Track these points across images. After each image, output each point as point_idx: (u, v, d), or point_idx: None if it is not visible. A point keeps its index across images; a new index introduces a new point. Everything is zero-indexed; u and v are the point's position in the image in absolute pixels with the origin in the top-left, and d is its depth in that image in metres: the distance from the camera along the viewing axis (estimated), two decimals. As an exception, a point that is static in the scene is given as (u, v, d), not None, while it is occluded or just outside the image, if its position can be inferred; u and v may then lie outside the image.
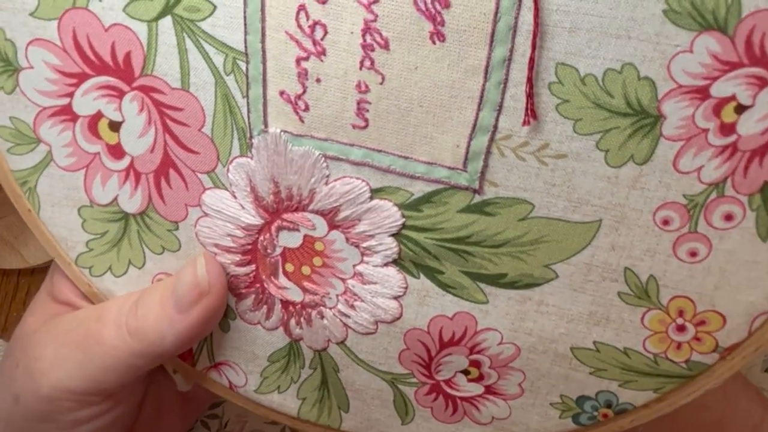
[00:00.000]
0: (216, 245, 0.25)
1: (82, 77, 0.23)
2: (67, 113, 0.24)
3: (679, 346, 0.22)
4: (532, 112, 0.19)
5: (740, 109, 0.18)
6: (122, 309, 0.26)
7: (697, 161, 0.19)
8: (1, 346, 0.37)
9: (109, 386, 0.26)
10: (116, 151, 0.24)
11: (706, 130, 0.18)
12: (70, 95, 0.24)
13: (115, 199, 0.25)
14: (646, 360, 0.22)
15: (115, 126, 0.24)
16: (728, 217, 0.19)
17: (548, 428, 0.25)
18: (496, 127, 0.20)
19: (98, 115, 0.24)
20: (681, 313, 0.21)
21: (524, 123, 0.20)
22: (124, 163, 0.24)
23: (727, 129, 0.18)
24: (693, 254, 0.20)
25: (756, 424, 0.29)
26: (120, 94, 0.23)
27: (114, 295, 0.27)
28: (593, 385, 0.23)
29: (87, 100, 0.24)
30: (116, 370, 0.25)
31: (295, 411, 0.28)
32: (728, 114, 0.18)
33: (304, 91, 0.21)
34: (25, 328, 0.28)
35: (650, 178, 0.19)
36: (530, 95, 0.19)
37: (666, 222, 0.20)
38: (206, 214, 0.25)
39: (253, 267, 0.25)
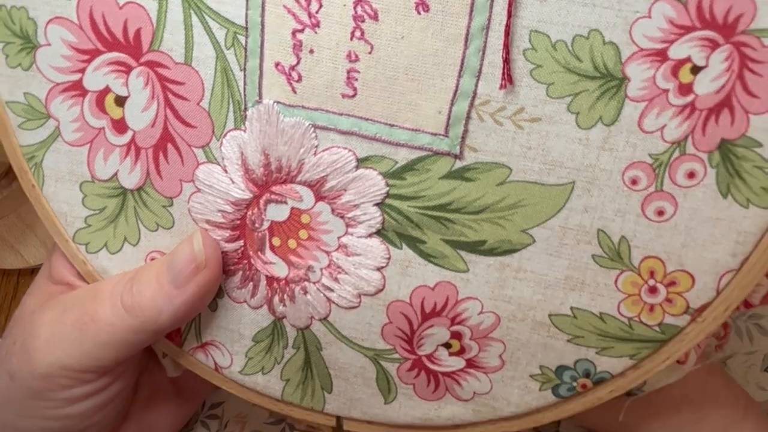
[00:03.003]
0: (207, 221, 0.26)
1: (94, 53, 0.25)
2: (77, 89, 0.26)
3: (651, 308, 0.22)
4: (508, 77, 0.21)
5: (695, 69, 0.20)
6: (117, 286, 0.26)
7: (660, 120, 0.20)
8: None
9: (105, 363, 0.26)
10: (120, 126, 0.26)
11: (666, 91, 0.20)
12: (82, 71, 0.25)
13: (116, 174, 0.27)
14: (621, 324, 0.23)
15: (120, 101, 0.25)
16: (691, 175, 0.21)
17: (529, 402, 0.25)
18: (475, 92, 0.22)
19: (106, 90, 0.25)
20: (652, 274, 0.22)
21: (501, 87, 0.21)
22: (126, 137, 0.26)
23: (685, 89, 0.20)
24: (660, 213, 0.21)
25: (738, 419, 0.29)
26: (128, 70, 0.25)
27: (108, 273, 0.28)
28: (571, 354, 0.24)
29: (97, 76, 0.25)
30: (112, 346, 0.26)
31: (279, 393, 0.28)
32: (685, 75, 0.20)
33: (298, 62, 0.23)
34: (23, 308, 0.29)
35: (618, 139, 0.21)
36: (507, 60, 0.21)
37: (634, 181, 0.21)
38: (199, 190, 0.26)
39: (241, 243, 0.26)
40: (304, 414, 0.28)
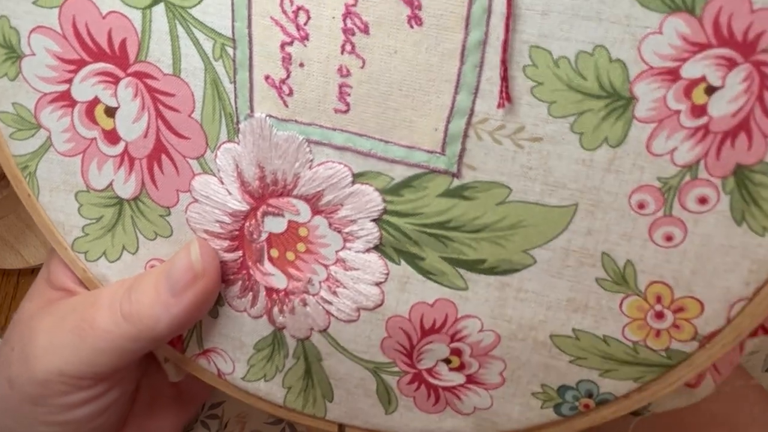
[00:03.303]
0: (206, 231, 0.26)
1: (80, 64, 0.24)
2: (66, 99, 0.25)
3: (658, 333, 0.21)
4: (506, 95, 0.20)
5: (710, 90, 0.18)
6: (116, 294, 0.26)
7: (670, 143, 0.19)
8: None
9: (103, 370, 0.26)
10: (112, 137, 0.25)
11: (678, 112, 0.19)
12: (69, 81, 0.25)
13: (111, 184, 0.26)
14: (626, 348, 0.22)
15: (110, 111, 0.25)
16: (702, 201, 0.19)
17: (530, 418, 0.24)
18: (472, 110, 0.20)
19: (95, 101, 0.25)
20: (659, 299, 0.21)
21: (499, 105, 0.20)
22: (119, 148, 0.25)
23: (699, 110, 0.18)
24: (669, 238, 0.20)
25: None
26: (116, 80, 0.24)
27: (108, 280, 0.28)
28: (574, 374, 0.23)
29: (85, 86, 0.24)
30: (110, 354, 0.26)
31: (281, 399, 0.28)
32: (699, 95, 0.18)
33: (288, 76, 0.22)
34: (22, 314, 0.29)
35: (624, 161, 0.20)
36: (504, 78, 0.19)
37: (641, 206, 0.20)
38: (196, 200, 0.25)
39: (240, 253, 0.26)
40: (306, 420, 0.29)
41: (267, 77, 0.22)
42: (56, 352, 0.26)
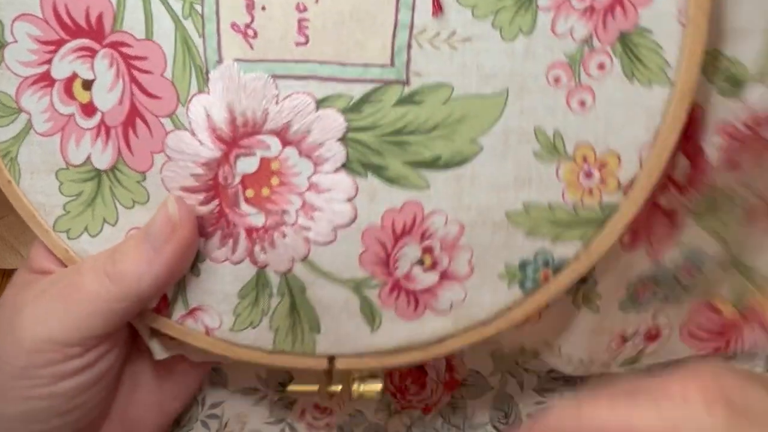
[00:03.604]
0: (182, 188, 0.28)
1: (59, 43, 0.27)
2: (45, 79, 0.27)
3: (590, 191, 0.26)
4: (438, 5, 0.24)
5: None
6: (99, 259, 0.27)
7: (568, 24, 0.24)
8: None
9: (91, 334, 0.27)
10: (88, 109, 0.27)
11: (567, -2, 0.24)
12: (49, 62, 0.27)
13: (89, 157, 0.28)
14: (568, 210, 0.26)
15: (87, 84, 0.27)
16: (601, 67, 0.24)
17: (501, 301, 0.27)
18: (412, 23, 0.25)
19: (73, 77, 0.27)
20: (585, 159, 0.25)
21: (433, 14, 0.25)
22: (96, 120, 0.28)
23: None
24: (582, 104, 0.25)
25: None
26: (92, 54, 0.27)
27: (90, 255, 0.29)
28: (529, 247, 0.27)
29: (63, 64, 0.27)
30: (97, 316, 0.27)
31: (271, 342, 0.29)
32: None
33: (252, 20, 0.26)
34: (6, 298, 0.29)
35: (537, 45, 0.25)
36: (434, -10, 0.24)
37: (557, 80, 0.25)
38: (170, 158, 0.28)
39: (216, 202, 0.28)
40: (296, 361, 0.30)
41: (233, 25, 0.26)
42: (43, 319, 0.26)
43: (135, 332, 0.32)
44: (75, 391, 0.28)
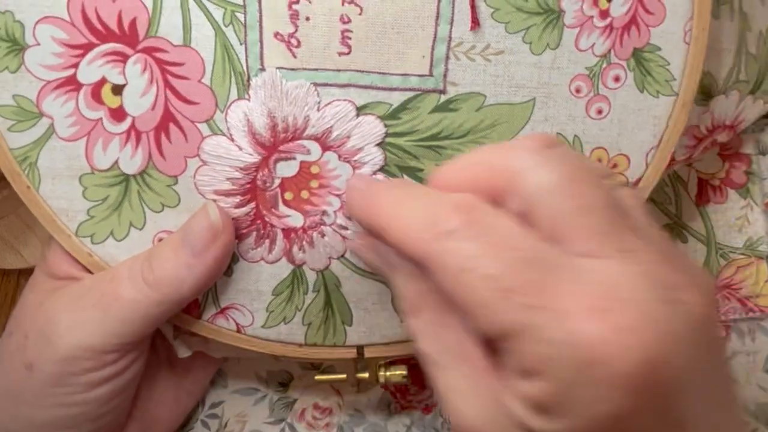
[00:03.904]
0: (215, 191, 0.28)
1: (87, 47, 0.26)
2: (71, 84, 0.27)
3: (603, 188, 0.29)
4: (475, 20, 0.26)
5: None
6: (134, 266, 0.28)
7: (590, 40, 0.27)
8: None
9: (128, 339, 0.27)
10: (118, 114, 0.27)
11: (591, 17, 0.27)
12: (75, 66, 0.27)
13: (116, 162, 0.28)
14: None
15: (117, 89, 0.27)
16: (617, 79, 0.28)
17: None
18: (450, 36, 0.27)
19: (102, 81, 0.27)
20: (599, 161, 0.29)
21: (471, 28, 0.27)
22: (126, 125, 0.27)
23: (604, 14, 0.27)
24: (600, 112, 0.28)
25: None
26: (124, 59, 0.27)
27: (117, 259, 0.29)
28: None
29: (92, 69, 0.27)
30: (135, 322, 0.27)
31: (302, 337, 0.31)
32: (603, 3, 0.27)
33: (296, 30, 0.27)
34: (26, 304, 0.29)
35: (562, 59, 0.27)
36: (473, 7, 0.26)
37: (578, 90, 0.28)
38: (205, 163, 0.28)
39: (252, 205, 0.29)
40: (327, 352, 0.32)
41: (276, 34, 0.27)
42: (81, 327, 0.27)
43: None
44: (108, 397, 0.28)
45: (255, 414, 0.38)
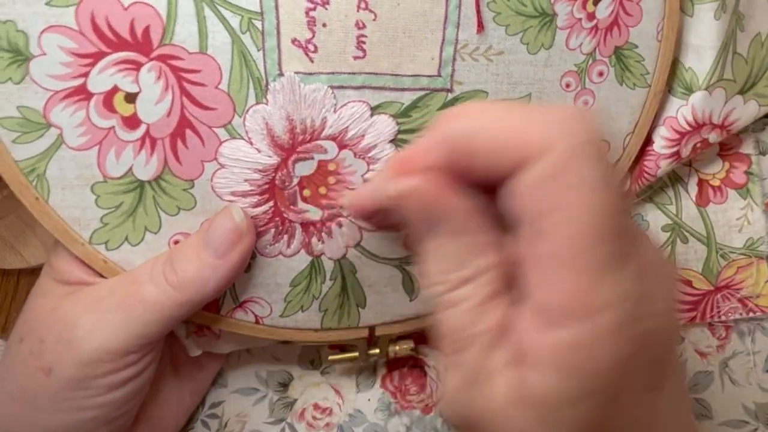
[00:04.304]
0: (232, 193, 0.29)
1: (98, 56, 0.26)
2: (80, 93, 0.26)
3: (586, 171, 0.33)
4: (480, 24, 0.28)
5: (596, 1, 0.29)
6: (155, 269, 0.28)
7: (578, 40, 0.30)
8: (1, 346, 0.34)
9: (150, 340, 0.28)
10: (132, 122, 0.27)
11: (580, 19, 0.30)
12: (85, 75, 0.26)
13: (130, 169, 0.28)
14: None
15: (131, 98, 0.27)
16: (600, 74, 0.31)
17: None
18: (457, 39, 0.29)
19: (114, 90, 0.26)
20: (585, 147, 0.32)
21: (477, 31, 0.29)
22: (139, 132, 0.27)
23: (591, 16, 0.30)
24: (585, 104, 0.31)
25: None
26: (137, 67, 0.26)
27: (132, 264, 0.29)
28: None
29: (103, 77, 0.26)
30: (159, 323, 0.27)
31: (318, 323, 0.33)
32: (590, 6, 0.29)
33: (313, 36, 0.27)
34: (38, 309, 0.28)
35: (554, 57, 0.30)
36: (478, 11, 0.28)
37: (568, 85, 0.31)
38: (223, 166, 0.29)
39: (271, 204, 0.30)
40: (341, 335, 0.34)
41: (294, 40, 0.27)
42: (103, 329, 0.27)
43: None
44: (124, 399, 0.28)
45: (255, 414, 0.38)
